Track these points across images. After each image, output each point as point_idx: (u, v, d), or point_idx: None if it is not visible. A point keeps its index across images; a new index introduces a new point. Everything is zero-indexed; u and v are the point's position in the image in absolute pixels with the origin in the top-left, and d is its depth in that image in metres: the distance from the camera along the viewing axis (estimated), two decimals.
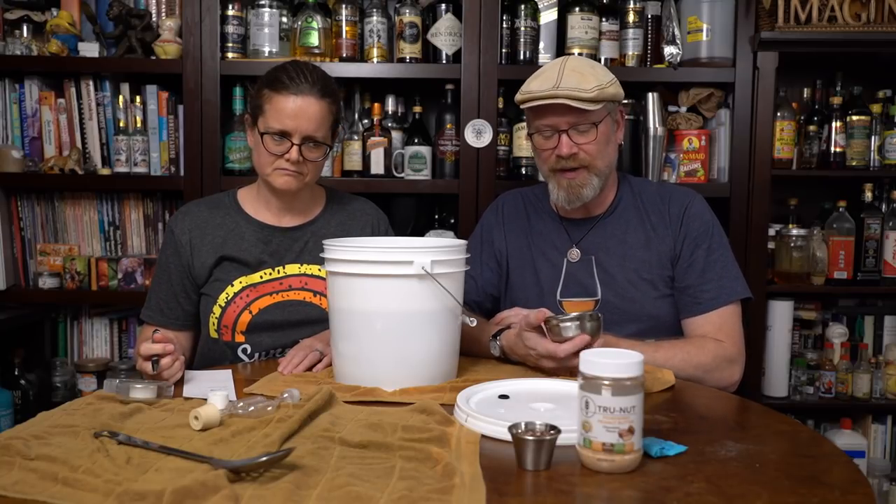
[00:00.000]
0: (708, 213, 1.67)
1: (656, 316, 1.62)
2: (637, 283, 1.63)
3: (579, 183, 1.59)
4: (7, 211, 2.45)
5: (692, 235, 1.62)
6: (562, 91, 1.51)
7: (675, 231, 1.64)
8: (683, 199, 1.67)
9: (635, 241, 1.65)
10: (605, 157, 1.60)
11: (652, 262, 1.63)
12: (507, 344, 1.50)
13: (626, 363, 0.94)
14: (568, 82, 1.52)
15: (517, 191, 1.84)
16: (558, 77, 1.53)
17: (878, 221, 2.48)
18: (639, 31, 2.43)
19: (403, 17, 2.38)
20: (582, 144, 1.56)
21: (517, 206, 1.80)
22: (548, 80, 1.54)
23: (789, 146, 2.43)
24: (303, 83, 1.58)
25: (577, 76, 1.53)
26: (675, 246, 1.63)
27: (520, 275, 1.73)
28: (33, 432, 1.05)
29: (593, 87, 1.52)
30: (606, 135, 1.59)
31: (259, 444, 1.00)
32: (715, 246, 1.63)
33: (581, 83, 1.52)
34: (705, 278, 1.60)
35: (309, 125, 1.58)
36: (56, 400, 2.38)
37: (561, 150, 1.56)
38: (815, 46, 2.33)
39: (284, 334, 1.64)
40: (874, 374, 2.48)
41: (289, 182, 1.62)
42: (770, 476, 0.94)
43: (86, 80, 2.43)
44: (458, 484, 0.88)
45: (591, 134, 1.56)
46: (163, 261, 1.71)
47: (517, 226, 1.77)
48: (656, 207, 1.67)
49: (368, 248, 1.37)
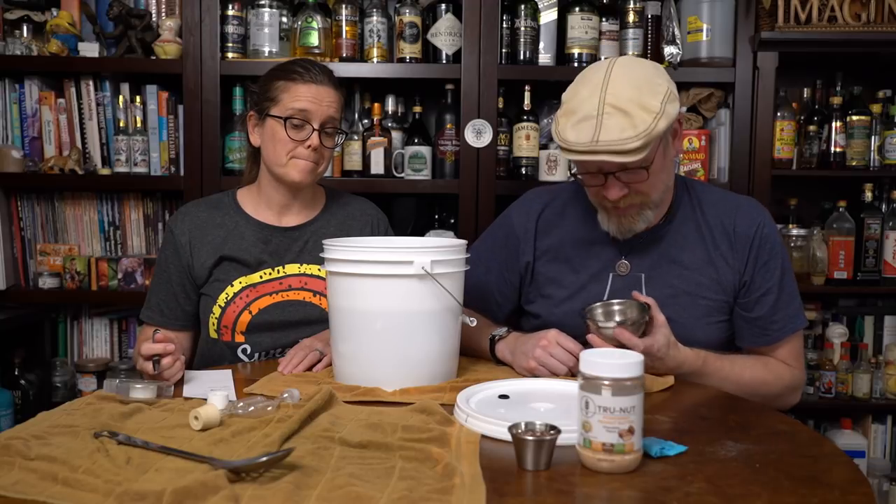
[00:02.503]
0: (777, 233, 1.50)
1: (705, 342, 1.45)
2: (689, 307, 1.47)
3: (632, 216, 1.43)
4: (7, 211, 2.45)
5: (766, 262, 1.46)
6: (601, 146, 1.30)
7: (743, 254, 1.46)
8: (755, 218, 1.48)
9: (692, 261, 1.48)
10: (659, 187, 1.42)
11: (710, 285, 1.47)
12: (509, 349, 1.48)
13: (626, 363, 0.94)
14: (609, 133, 1.29)
15: (554, 190, 1.64)
16: (597, 126, 1.30)
17: (878, 221, 2.48)
18: (639, 31, 2.43)
19: (403, 17, 2.38)
20: (632, 184, 1.38)
21: (559, 211, 1.59)
22: (584, 131, 1.31)
23: (789, 146, 2.44)
24: (317, 73, 1.63)
25: (620, 118, 1.30)
26: (743, 271, 1.46)
27: (557, 287, 1.56)
28: (33, 432, 1.05)
29: (641, 132, 1.29)
30: (660, 165, 1.39)
31: (259, 444, 1.00)
32: (786, 272, 1.49)
33: (625, 129, 1.29)
34: (777, 308, 1.47)
35: (329, 109, 1.62)
36: (56, 400, 2.38)
37: (608, 193, 1.38)
38: (815, 46, 2.33)
39: (284, 334, 1.64)
40: (874, 374, 2.48)
41: (305, 173, 1.63)
42: (770, 476, 0.94)
43: (86, 80, 2.43)
44: (458, 484, 0.88)
45: (642, 174, 1.36)
46: (162, 261, 1.71)
47: (556, 235, 1.58)
48: (719, 222, 1.49)
49: (368, 248, 1.37)
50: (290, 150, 1.61)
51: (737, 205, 1.51)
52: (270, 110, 1.62)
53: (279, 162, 1.63)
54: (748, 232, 1.47)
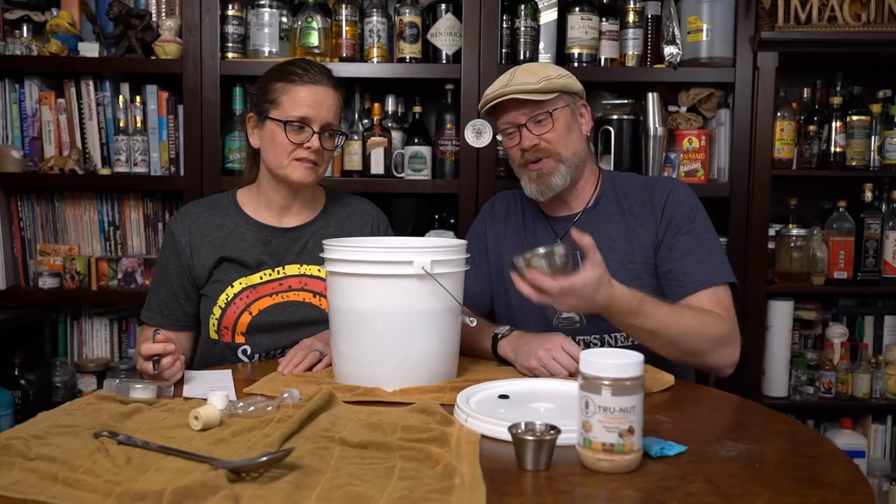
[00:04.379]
0: (692, 198, 1.65)
1: None
2: (620, 274, 1.56)
3: (546, 172, 1.62)
4: (7, 211, 2.45)
5: (675, 221, 1.61)
6: (511, 87, 1.58)
7: (656, 217, 1.63)
8: (666, 186, 1.66)
9: (616, 233, 1.65)
10: (568, 145, 1.62)
11: (634, 251, 1.63)
12: (511, 346, 1.50)
13: (626, 363, 0.94)
14: (517, 79, 1.60)
15: (514, 190, 1.84)
16: (510, 77, 1.62)
17: (878, 221, 2.48)
18: (639, 31, 2.43)
19: (403, 17, 2.38)
20: (542, 135, 1.60)
21: (513, 205, 1.81)
22: (500, 82, 1.62)
23: (789, 146, 2.44)
24: (317, 74, 1.62)
25: (526, 73, 1.61)
26: (657, 232, 1.62)
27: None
28: (33, 432, 1.05)
29: (541, 78, 1.58)
30: (566, 123, 1.62)
31: (259, 444, 1.00)
32: (698, 231, 1.60)
33: (528, 77, 1.59)
34: (688, 261, 1.57)
35: (328, 113, 1.62)
36: (56, 400, 2.38)
37: (522, 143, 1.61)
38: (815, 46, 2.33)
39: (284, 335, 1.64)
40: (874, 374, 2.48)
41: (306, 174, 1.63)
42: (770, 476, 0.94)
43: (86, 80, 2.43)
44: (458, 484, 0.88)
45: (547, 123, 1.60)
46: (162, 262, 1.71)
47: (512, 223, 1.78)
48: (639, 197, 1.67)
49: (368, 248, 1.37)
50: (290, 152, 1.61)
51: (654, 181, 1.72)
52: (270, 113, 1.62)
53: (280, 164, 1.63)
54: (660, 199, 1.65)
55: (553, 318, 1.64)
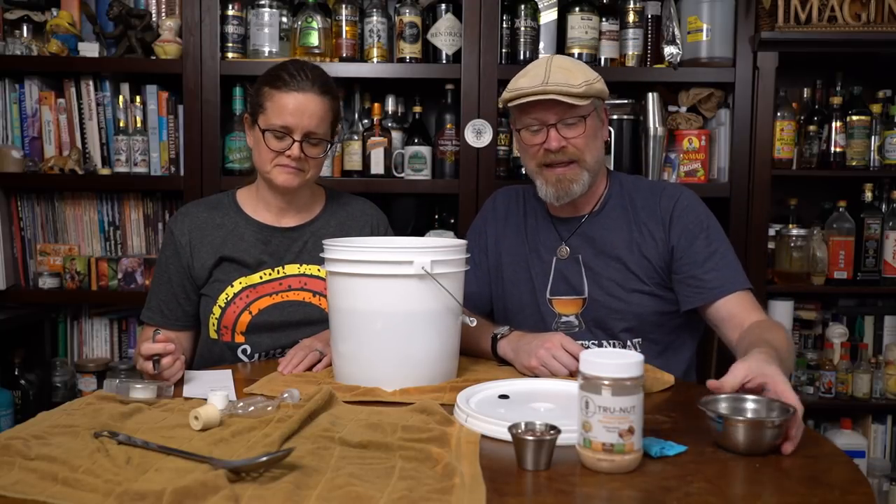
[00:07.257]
0: (701, 206, 1.65)
1: (640, 313, 1.60)
2: (622, 280, 1.62)
3: (569, 178, 1.58)
4: (7, 211, 2.45)
5: (687, 228, 1.60)
6: (551, 87, 1.51)
7: (665, 225, 1.61)
8: (674, 195, 1.64)
9: (619, 237, 1.63)
10: (593, 151, 1.59)
11: (636, 256, 1.61)
12: (511, 346, 1.49)
13: (626, 363, 0.94)
14: (556, 78, 1.53)
15: (515, 187, 1.83)
16: (546, 73, 1.54)
17: (878, 221, 2.48)
18: (639, 31, 2.43)
19: (403, 17, 2.38)
20: (570, 138, 1.56)
21: (515, 202, 1.78)
22: (536, 77, 1.54)
23: (789, 146, 2.44)
24: (303, 80, 1.59)
25: (565, 72, 1.54)
26: (667, 239, 1.60)
27: (514, 272, 1.72)
28: (33, 432, 1.05)
29: (581, 82, 1.53)
30: (594, 129, 1.59)
31: (259, 444, 1.00)
32: (713, 237, 1.60)
33: (569, 79, 1.53)
34: (707, 269, 1.56)
35: (310, 122, 1.59)
36: (56, 400, 2.38)
37: (550, 144, 1.56)
38: (815, 46, 2.33)
39: (284, 335, 1.64)
40: (874, 374, 2.48)
41: (290, 179, 1.62)
42: (770, 476, 0.94)
43: (86, 80, 2.43)
44: (458, 484, 0.88)
45: (579, 127, 1.55)
46: (162, 262, 1.71)
47: (513, 222, 1.76)
48: (646, 203, 1.65)
49: (368, 248, 1.37)
50: (272, 158, 1.61)
51: (662, 187, 1.70)
52: (258, 117, 1.62)
53: (264, 168, 1.64)
54: (668, 207, 1.63)
55: (552, 322, 1.64)
